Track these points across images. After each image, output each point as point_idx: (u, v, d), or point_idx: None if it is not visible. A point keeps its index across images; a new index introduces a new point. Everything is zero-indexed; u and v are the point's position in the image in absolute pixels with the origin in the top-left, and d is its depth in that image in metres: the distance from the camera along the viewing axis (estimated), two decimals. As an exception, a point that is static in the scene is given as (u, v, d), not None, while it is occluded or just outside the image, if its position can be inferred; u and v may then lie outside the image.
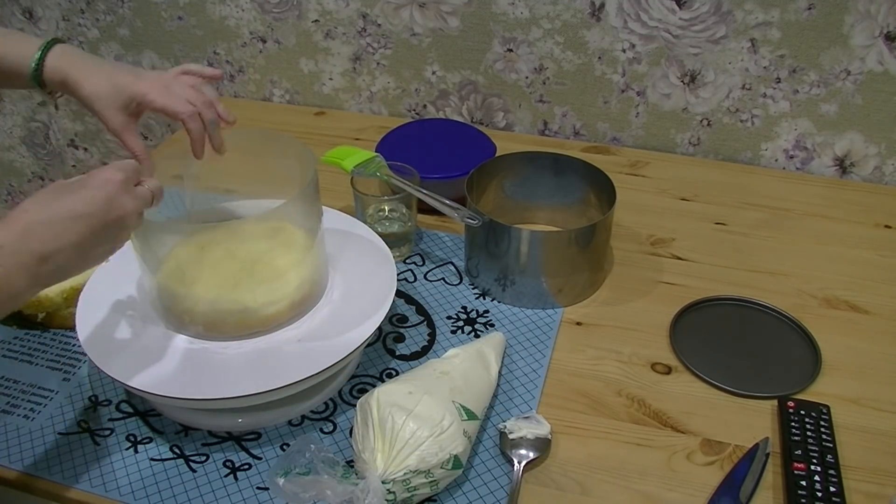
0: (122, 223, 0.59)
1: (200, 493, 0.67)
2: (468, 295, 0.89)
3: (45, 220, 0.55)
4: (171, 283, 0.71)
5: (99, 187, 0.58)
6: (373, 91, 1.28)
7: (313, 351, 0.69)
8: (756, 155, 1.15)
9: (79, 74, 0.71)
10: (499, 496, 0.67)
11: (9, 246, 0.53)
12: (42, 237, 0.54)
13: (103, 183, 0.58)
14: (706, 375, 0.78)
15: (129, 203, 0.60)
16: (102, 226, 0.58)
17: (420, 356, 0.81)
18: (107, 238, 0.59)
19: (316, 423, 0.74)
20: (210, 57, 1.33)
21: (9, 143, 1.59)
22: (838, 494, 0.64)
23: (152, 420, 0.74)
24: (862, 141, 1.09)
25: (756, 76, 1.08)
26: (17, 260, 0.53)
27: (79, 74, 0.71)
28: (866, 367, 0.79)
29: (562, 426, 0.73)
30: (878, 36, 1.01)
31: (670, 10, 1.06)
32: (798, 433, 0.70)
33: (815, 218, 1.02)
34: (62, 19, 1.37)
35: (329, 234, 0.81)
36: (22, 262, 0.53)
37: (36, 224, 0.55)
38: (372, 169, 0.90)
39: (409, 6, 1.17)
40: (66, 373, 0.79)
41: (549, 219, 0.98)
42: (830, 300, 0.88)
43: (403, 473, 0.61)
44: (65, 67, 0.71)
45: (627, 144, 1.20)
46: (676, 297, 0.88)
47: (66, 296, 0.81)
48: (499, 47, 1.17)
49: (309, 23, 1.24)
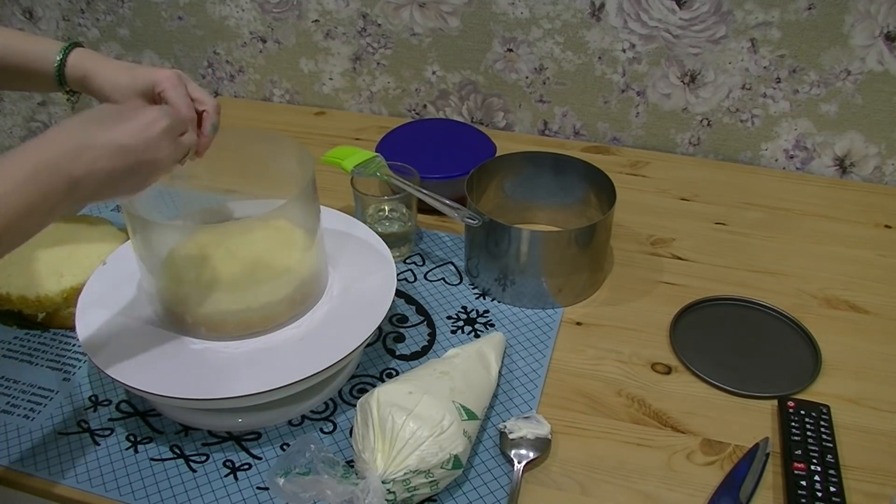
0: (155, 165, 0.61)
1: (200, 493, 0.67)
2: (468, 295, 0.89)
3: (84, 144, 0.56)
4: (171, 283, 0.71)
5: (144, 126, 0.60)
6: (373, 91, 1.28)
7: (313, 351, 0.69)
8: (756, 155, 1.15)
9: (99, 68, 0.73)
10: (499, 496, 0.67)
11: (46, 165, 0.54)
12: (79, 160, 0.55)
13: (149, 123, 0.60)
14: (706, 375, 0.78)
15: (167, 148, 0.62)
16: (137, 163, 0.59)
17: (420, 356, 0.81)
18: (138, 175, 0.60)
19: (316, 423, 0.74)
20: (210, 57, 1.33)
21: (9, 143, 1.59)
22: (838, 494, 0.64)
23: (152, 420, 0.74)
24: (862, 141, 1.09)
25: (756, 76, 1.08)
26: (52, 179, 0.54)
27: (99, 68, 0.73)
28: (866, 367, 0.79)
29: (562, 426, 0.73)
30: (878, 36, 1.01)
31: (670, 10, 1.06)
32: (798, 433, 0.70)
33: (815, 218, 1.02)
34: (62, 19, 1.37)
35: (329, 234, 0.81)
36: (57, 181, 0.55)
37: (75, 146, 0.56)
38: (372, 169, 0.90)
39: (409, 6, 1.17)
40: (66, 373, 0.79)
41: (549, 219, 0.98)
42: (830, 300, 0.88)
43: (403, 473, 0.61)
44: (86, 63, 0.73)
45: (627, 144, 1.20)
46: (676, 297, 0.88)
47: (66, 296, 0.81)
48: (499, 47, 1.17)
49: (309, 23, 1.24)
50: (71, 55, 0.73)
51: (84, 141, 0.56)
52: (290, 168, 0.75)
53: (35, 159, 0.54)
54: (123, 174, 0.59)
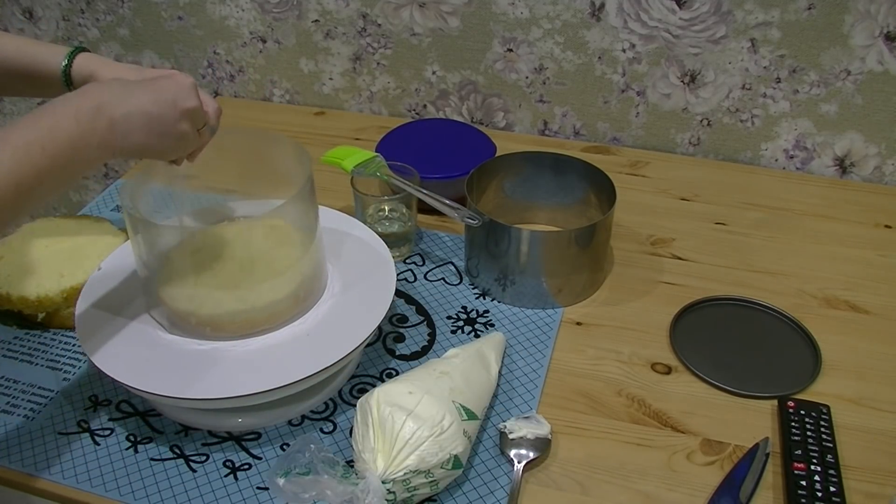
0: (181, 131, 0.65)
1: (200, 493, 0.67)
2: (468, 295, 0.89)
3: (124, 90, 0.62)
4: (172, 284, 0.71)
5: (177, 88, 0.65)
6: (373, 91, 1.28)
7: (312, 351, 0.69)
8: (756, 155, 1.15)
9: (104, 68, 0.74)
10: (499, 496, 0.67)
11: (87, 108, 0.59)
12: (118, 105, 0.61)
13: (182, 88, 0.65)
14: (706, 375, 0.78)
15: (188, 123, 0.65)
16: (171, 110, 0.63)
17: (420, 356, 0.81)
18: (169, 132, 0.64)
19: (316, 423, 0.74)
20: (210, 57, 1.33)
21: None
22: (838, 494, 0.64)
23: (152, 420, 0.74)
24: (862, 141, 1.09)
25: (756, 76, 1.08)
26: (93, 118, 0.59)
27: (104, 68, 0.74)
28: (866, 367, 0.79)
29: (562, 426, 0.73)
30: (878, 36, 1.01)
31: (670, 10, 1.06)
32: (798, 433, 0.70)
33: (815, 218, 1.02)
34: (62, 19, 1.37)
35: (329, 234, 0.81)
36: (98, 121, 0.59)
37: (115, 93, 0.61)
38: (372, 169, 0.90)
39: (409, 6, 1.17)
40: (66, 373, 0.79)
41: (549, 219, 0.98)
42: (830, 300, 0.88)
43: (403, 473, 0.61)
44: (92, 65, 0.74)
45: (627, 144, 1.20)
46: (676, 297, 0.88)
47: (66, 296, 0.81)
48: (499, 47, 1.17)
49: (309, 23, 1.24)
50: (77, 57, 0.74)
51: (124, 88, 0.62)
52: (290, 168, 0.75)
53: (76, 103, 0.59)
54: (159, 122, 0.63)
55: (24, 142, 0.56)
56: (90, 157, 0.60)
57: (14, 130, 0.56)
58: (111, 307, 0.74)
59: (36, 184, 0.56)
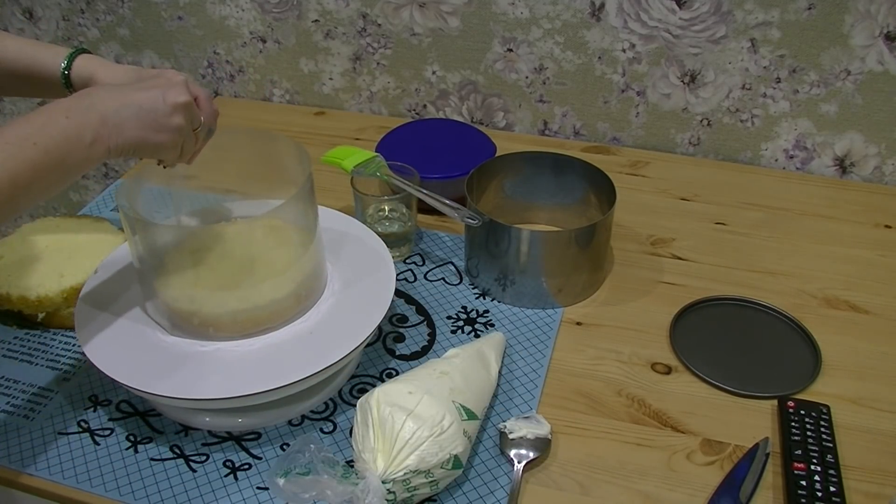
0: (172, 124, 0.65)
1: (200, 493, 0.67)
2: (468, 295, 0.89)
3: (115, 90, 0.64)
4: (172, 285, 0.71)
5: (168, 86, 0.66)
6: (373, 91, 1.28)
7: (313, 350, 0.69)
8: (756, 155, 1.15)
9: (104, 69, 0.75)
10: (499, 496, 0.67)
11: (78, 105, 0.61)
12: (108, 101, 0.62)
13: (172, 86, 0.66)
14: (706, 375, 0.78)
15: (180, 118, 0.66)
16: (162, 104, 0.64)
17: (420, 356, 0.81)
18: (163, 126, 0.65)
19: (316, 423, 0.74)
20: (210, 57, 1.33)
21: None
22: (838, 494, 0.64)
23: (152, 420, 0.74)
24: (862, 141, 1.09)
25: (756, 76, 1.08)
26: (85, 114, 0.60)
27: (104, 69, 0.75)
28: (866, 367, 0.79)
29: (562, 426, 0.73)
30: (878, 36, 1.01)
31: (670, 10, 1.06)
32: (798, 433, 0.70)
33: (815, 218, 1.02)
34: (62, 19, 1.37)
35: (328, 234, 0.81)
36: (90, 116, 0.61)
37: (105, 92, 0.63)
38: (372, 169, 0.90)
39: (409, 6, 1.17)
40: (66, 373, 0.79)
41: (549, 219, 0.98)
42: (830, 300, 0.88)
43: (403, 473, 0.61)
44: (92, 66, 0.75)
45: (627, 144, 1.20)
46: (676, 297, 0.88)
47: (66, 296, 0.81)
48: (499, 47, 1.17)
49: (309, 23, 1.24)
50: (77, 59, 0.75)
51: (116, 88, 0.64)
52: (289, 168, 0.75)
53: (69, 103, 0.61)
54: (150, 116, 0.63)
55: (17, 137, 0.57)
56: (85, 153, 0.60)
57: (7, 128, 0.57)
58: (111, 307, 0.74)
59: (32, 178, 0.57)
